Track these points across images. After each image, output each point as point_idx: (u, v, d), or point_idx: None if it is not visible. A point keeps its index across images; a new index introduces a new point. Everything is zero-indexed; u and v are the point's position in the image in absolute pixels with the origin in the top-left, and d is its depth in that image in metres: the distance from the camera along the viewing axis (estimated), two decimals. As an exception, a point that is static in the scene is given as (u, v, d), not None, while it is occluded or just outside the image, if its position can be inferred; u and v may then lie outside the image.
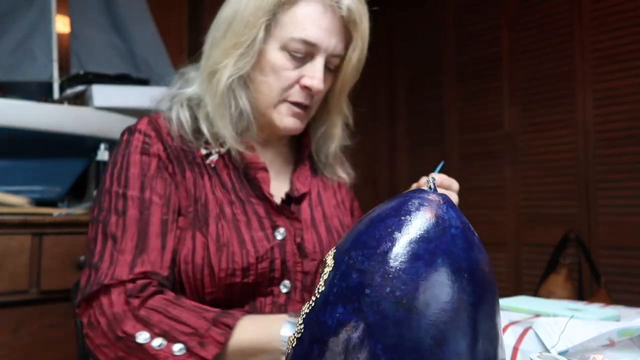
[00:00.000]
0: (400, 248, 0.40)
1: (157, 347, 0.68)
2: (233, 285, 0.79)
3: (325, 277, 0.43)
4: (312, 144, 0.96)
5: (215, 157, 0.85)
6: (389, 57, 3.40)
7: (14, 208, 1.48)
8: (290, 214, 0.86)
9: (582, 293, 2.41)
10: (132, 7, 2.15)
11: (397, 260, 0.39)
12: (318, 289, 0.43)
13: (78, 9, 2.04)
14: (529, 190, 2.70)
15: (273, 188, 0.89)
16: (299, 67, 0.84)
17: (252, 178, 0.86)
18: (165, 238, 0.77)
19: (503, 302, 0.82)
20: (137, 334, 0.69)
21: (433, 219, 0.41)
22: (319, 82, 0.83)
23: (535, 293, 2.40)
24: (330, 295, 0.41)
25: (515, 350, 0.62)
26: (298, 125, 0.87)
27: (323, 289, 0.42)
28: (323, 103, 0.93)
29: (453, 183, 0.82)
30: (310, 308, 0.42)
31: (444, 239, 0.40)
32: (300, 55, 0.83)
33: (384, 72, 3.42)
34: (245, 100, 0.85)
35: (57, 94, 1.87)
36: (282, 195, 0.89)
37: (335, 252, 0.44)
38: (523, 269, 2.70)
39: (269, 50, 0.83)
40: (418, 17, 3.28)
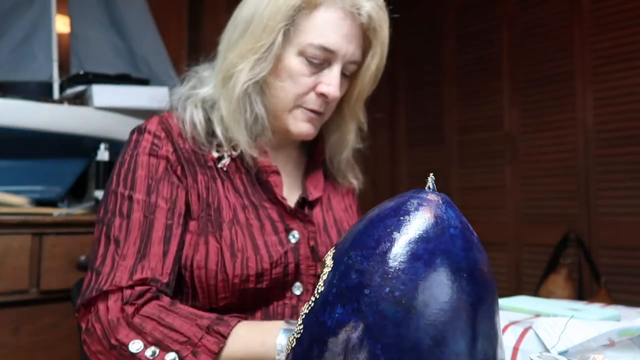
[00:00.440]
0: (400, 248, 0.40)
1: (149, 356, 0.67)
2: (246, 291, 0.78)
3: (325, 277, 0.43)
4: (326, 150, 0.95)
5: (227, 160, 0.84)
6: (389, 57, 3.39)
7: (14, 208, 1.48)
8: (304, 217, 0.85)
9: (582, 293, 2.41)
10: (132, 7, 2.15)
11: (396, 260, 0.39)
12: (317, 289, 0.43)
13: (78, 9, 2.04)
14: (529, 190, 2.70)
15: (285, 191, 0.88)
16: (316, 73, 0.82)
17: (264, 182, 0.85)
18: (169, 244, 0.76)
19: (503, 302, 0.82)
20: (130, 343, 0.68)
21: (432, 219, 0.41)
22: (335, 89, 0.82)
23: (535, 293, 2.40)
24: (330, 296, 0.41)
25: (515, 350, 0.62)
26: (312, 131, 0.86)
27: (322, 289, 0.42)
28: (338, 109, 0.91)
29: None
30: (310, 308, 0.42)
31: (443, 239, 0.40)
32: (318, 62, 0.81)
33: (384, 72, 3.41)
34: (261, 105, 0.84)
35: (57, 94, 1.87)
36: (294, 199, 0.88)
37: (335, 252, 0.44)
38: (523, 269, 2.70)
39: (286, 56, 0.82)
40: (418, 17, 3.27)
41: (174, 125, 0.84)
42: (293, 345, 0.43)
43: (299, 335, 0.42)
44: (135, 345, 0.68)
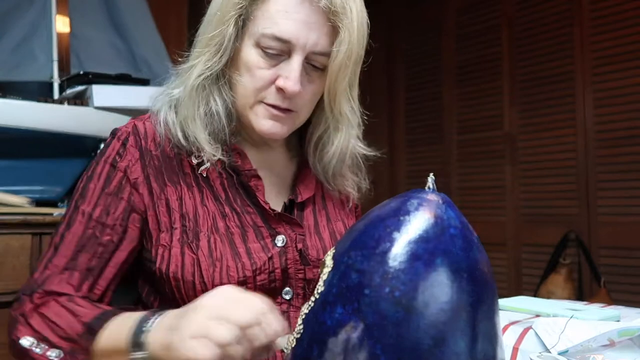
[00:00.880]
0: (399, 248, 0.40)
1: (38, 352, 0.68)
2: None
3: (325, 277, 0.43)
4: (308, 151, 0.88)
5: (207, 165, 0.79)
6: (389, 56, 3.39)
7: (14, 208, 1.48)
8: (290, 220, 0.82)
9: (582, 293, 2.41)
10: (132, 7, 2.15)
11: (396, 261, 0.39)
12: (317, 289, 0.43)
13: (78, 9, 2.03)
14: (529, 190, 2.70)
15: (273, 193, 0.85)
16: (275, 65, 0.77)
17: (247, 186, 0.81)
18: (103, 261, 0.75)
19: (503, 302, 0.82)
20: (22, 339, 0.70)
21: (432, 219, 0.41)
22: (294, 83, 0.75)
23: (535, 293, 2.40)
24: (330, 296, 0.41)
25: (515, 350, 0.62)
26: (277, 129, 0.79)
27: (322, 290, 0.42)
28: (319, 106, 0.84)
29: None
30: (310, 308, 0.42)
31: (443, 239, 0.40)
32: (275, 53, 0.76)
33: (384, 71, 3.41)
34: (220, 101, 0.79)
35: (57, 94, 1.87)
36: (282, 201, 0.85)
37: (335, 252, 0.44)
38: (523, 269, 2.70)
39: (243, 48, 0.77)
40: (418, 16, 3.27)
41: (150, 129, 0.81)
42: (293, 345, 0.43)
43: (299, 335, 0.42)
44: (28, 341, 0.70)
